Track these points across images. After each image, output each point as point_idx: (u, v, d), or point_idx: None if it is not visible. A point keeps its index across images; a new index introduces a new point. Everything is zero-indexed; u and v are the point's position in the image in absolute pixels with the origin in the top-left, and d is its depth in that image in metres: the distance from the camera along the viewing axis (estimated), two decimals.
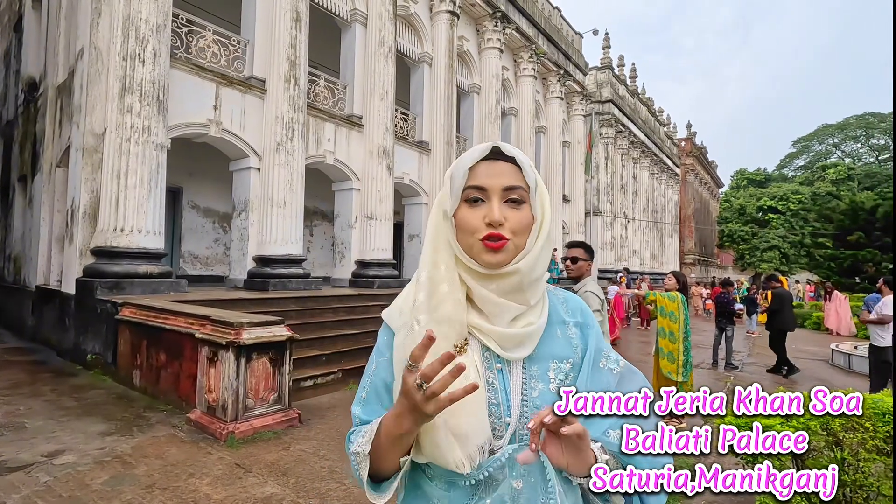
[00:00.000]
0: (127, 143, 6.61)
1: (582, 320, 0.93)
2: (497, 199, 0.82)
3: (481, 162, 0.85)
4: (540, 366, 0.86)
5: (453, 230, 0.85)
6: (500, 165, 0.84)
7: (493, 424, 0.82)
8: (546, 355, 0.86)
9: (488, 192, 0.83)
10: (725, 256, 49.67)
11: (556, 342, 0.89)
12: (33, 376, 6.10)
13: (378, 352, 0.92)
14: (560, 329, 0.90)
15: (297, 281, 8.61)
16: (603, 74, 24.06)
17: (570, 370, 0.87)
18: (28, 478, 3.38)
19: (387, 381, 0.88)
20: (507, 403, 0.83)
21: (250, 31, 8.78)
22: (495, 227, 0.81)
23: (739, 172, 54.37)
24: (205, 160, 10.18)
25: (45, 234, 8.73)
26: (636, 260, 25.95)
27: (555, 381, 0.85)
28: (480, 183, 0.83)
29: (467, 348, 0.82)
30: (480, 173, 0.84)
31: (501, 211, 0.82)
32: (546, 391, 0.84)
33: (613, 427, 0.84)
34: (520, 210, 0.83)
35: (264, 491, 3.28)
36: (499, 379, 0.84)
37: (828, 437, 2.53)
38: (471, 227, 0.82)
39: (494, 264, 0.81)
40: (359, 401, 0.91)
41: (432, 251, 0.86)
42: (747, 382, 3.38)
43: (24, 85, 10.43)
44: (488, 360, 0.84)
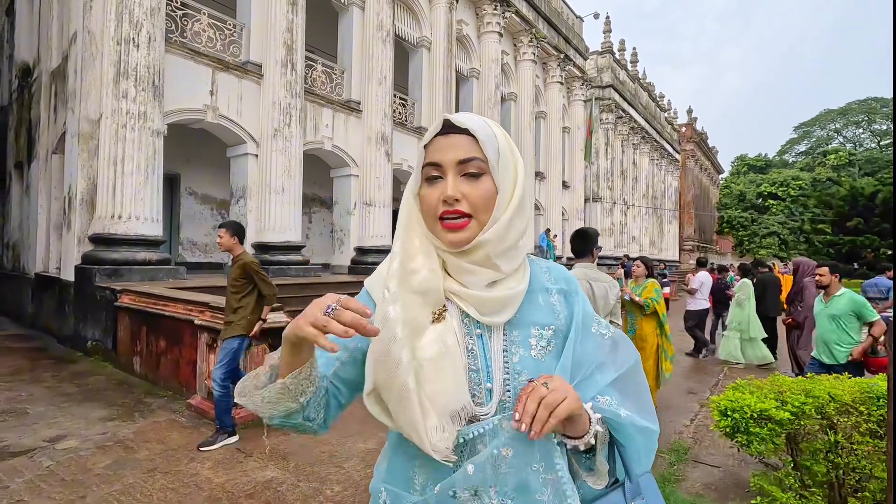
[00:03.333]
0: (123, 130, 6.56)
1: (567, 287, 0.92)
2: (452, 174, 0.79)
3: (437, 137, 0.82)
4: (521, 331, 0.84)
5: (419, 210, 0.84)
6: (453, 138, 0.80)
7: (472, 391, 0.80)
8: (527, 321, 0.85)
9: (443, 167, 0.80)
10: (724, 242, 49.69)
11: (537, 308, 0.87)
12: (34, 363, 6.13)
13: None
14: (542, 296, 0.89)
15: (297, 268, 8.62)
16: (603, 59, 23.78)
17: (553, 337, 0.86)
18: (31, 462, 3.42)
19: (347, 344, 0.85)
20: (488, 369, 0.82)
21: (246, 14, 8.65)
22: (450, 203, 0.78)
23: (740, 158, 54.19)
24: (202, 146, 10.12)
25: (42, 221, 8.70)
26: (635, 246, 25.94)
27: (536, 346, 0.84)
28: (434, 159, 0.81)
29: (446, 314, 0.81)
30: (434, 149, 0.81)
31: (457, 186, 0.79)
32: (527, 357, 0.83)
33: (604, 394, 0.85)
34: (479, 183, 0.80)
35: (265, 475, 3.31)
36: (478, 345, 0.82)
37: (822, 421, 2.56)
38: (429, 205, 0.81)
39: (457, 243, 0.80)
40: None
41: (406, 226, 0.85)
42: (742, 367, 3.45)
43: (18, 70, 10.31)
44: (468, 326, 0.83)
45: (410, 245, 0.84)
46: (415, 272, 0.81)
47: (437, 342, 0.78)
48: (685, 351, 8.10)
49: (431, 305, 0.81)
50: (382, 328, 0.77)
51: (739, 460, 3.77)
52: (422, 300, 0.80)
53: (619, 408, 0.84)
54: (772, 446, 2.62)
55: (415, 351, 0.78)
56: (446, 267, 0.84)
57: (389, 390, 0.78)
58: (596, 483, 0.84)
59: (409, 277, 0.81)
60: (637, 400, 0.88)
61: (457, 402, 0.77)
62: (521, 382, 0.82)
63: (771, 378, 3.01)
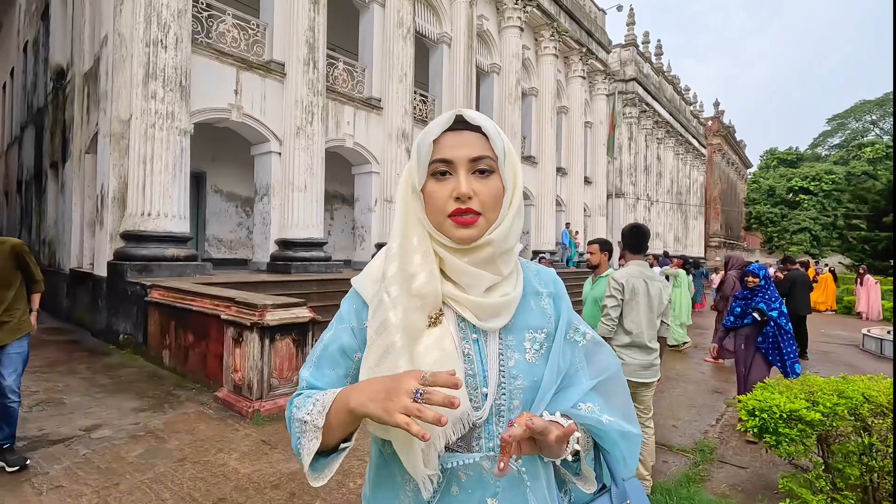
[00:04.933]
0: (152, 129, 6.74)
1: (554, 291, 0.93)
2: (464, 171, 0.79)
3: (446, 133, 0.81)
4: (516, 336, 0.85)
5: (422, 206, 0.83)
6: (465, 135, 0.80)
7: (470, 395, 0.80)
8: (521, 325, 0.86)
9: (454, 164, 0.79)
10: (753, 239, 48.37)
11: (530, 313, 0.88)
12: (69, 355, 6.37)
13: (340, 318, 0.90)
14: (534, 300, 0.90)
15: (319, 264, 8.74)
16: (627, 52, 23.35)
17: (545, 340, 0.87)
18: (68, 450, 3.56)
19: (345, 348, 0.86)
20: (484, 374, 0.81)
21: (269, 14, 8.78)
22: (464, 200, 0.78)
23: (769, 152, 52.62)
24: (227, 145, 10.32)
25: (76, 218, 9.02)
26: (659, 243, 25.48)
27: (530, 350, 0.85)
28: (446, 155, 0.80)
29: (442, 319, 0.81)
30: (445, 145, 0.80)
31: (469, 183, 0.79)
32: (522, 361, 0.83)
33: (584, 400, 0.85)
34: (489, 181, 0.80)
35: (289, 466, 3.38)
36: (475, 349, 0.82)
37: (856, 423, 2.48)
38: (439, 202, 0.80)
39: (466, 239, 0.79)
40: (309, 364, 0.89)
41: (403, 223, 0.83)
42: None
43: (53, 73, 10.67)
44: (464, 331, 0.83)
45: (409, 245, 0.82)
46: (414, 275, 0.80)
47: (436, 348, 0.78)
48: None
49: (428, 309, 0.80)
50: (380, 335, 0.78)
51: (767, 461, 3.68)
52: (420, 304, 0.79)
53: (601, 414, 0.84)
54: (802, 448, 2.55)
55: (413, 358, 0.77)
56: (444, 268, 0.83)
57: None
58: (585, 487, 0.85)
59: (409, 281, 0.80)
60: (620, 405, 0.89)
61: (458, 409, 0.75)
62: (516, 387, 0.82)
63: (801, 378, 2.93)
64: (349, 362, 0.86)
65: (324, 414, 0.75)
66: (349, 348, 0.86)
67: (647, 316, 3.07)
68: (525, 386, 0.83)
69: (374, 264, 0.90)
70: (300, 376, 0.89)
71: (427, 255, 0.81)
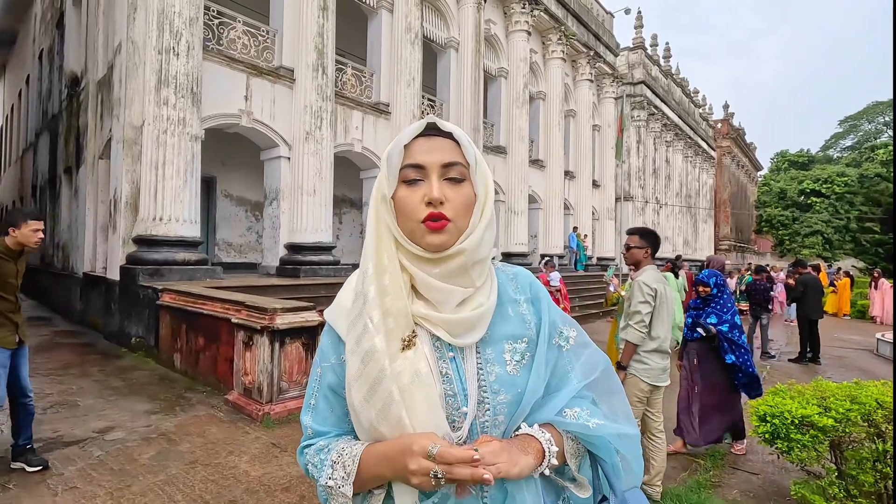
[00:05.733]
0: (164, 135, 6.84)
1: (532, 295, 0.88)
2: (436, 177, 0.77)
3: (418, 139, 0.80)
4: (495, 348, 0.81)
5: (393, 213, 0.80)
6: (437, 141, 0.79)
7: (450, 417, 0.77)
8: (499, 336, 0.82)
9: (426, 169, 0.78)
10: (764, 242, 47.90)
11: (508, 321, 0.84)
12: (82, 357, 6.46)
13: (322, 356, 0.86)
14: (511, 307, 0.86)
15: (327, 268, 8.79)
16: (635, 55, 23.29)
17: (527, 348, 0.83)
18: (82, 452, 3.61)
19: (333, 387, 0.83)
20: (464, 392, 0.78)
21: (279, 21, 8.88)
22: (435, 205, 0.76)
23: (780, 154, 52.07)
24: (237, 150, 10.43)
25: (90, 223, 9.15)
26: (668, 246, 25.31)
27: (511, 361, 0.81)
28: (417, 160, 0.78)
29: (416, 340, 0.77)
30: (417, 150, 0.79)
31: (441, 189, 0.77)
32: (503, 374, 0.80)
33: (572, 405, 0.82)
34: (460, 188, 0.78)
35: (299, 470, 3.40)
36: (452, 368, 0.79)
37: (869, 429, 2.45)
38: (410, 208, 0.77)
39: (438, 246, 0.77)
40: (308, 408, 0.86)
41: (375, 239, 0.80)
42: (783, 372, 3.36)
43: (67, 80, 10.86)
44: (440, 350, 0.79)
45: (380, 264, 0.79)
46: (384, 295, 0.77)
47: (409, 371, 0.75)
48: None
49: (402, 331, 0.77)
50: (367, 364, 0.75)
51: (779, 467, 3.64)
52: (392, 325, 0.76)
53: (588, 419, 0.80)
54: (814, 454, 2.53)
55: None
56: (414, 284, 0.80)
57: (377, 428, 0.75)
58: (581, 492, 0.81)
59: (384, 302, 0.77)
60: (610, 406, 0.85)
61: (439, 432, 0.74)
62: (499, 402, 0.79)
63: (813, 383, 2.90)
64: (342, 400, 0.82)
65: (350, 482, 0.75)
66: (337, 387, 0.83)
67: (668, 321, 3.10)
68: (509, 400, 0.79)
69: (345, 291, 0.86)
70: (302, 423, 0.87)
71: (395, 273, 0.79)
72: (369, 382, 0.75)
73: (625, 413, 0.86)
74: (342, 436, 0.84)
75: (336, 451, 0.78)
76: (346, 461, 0.76)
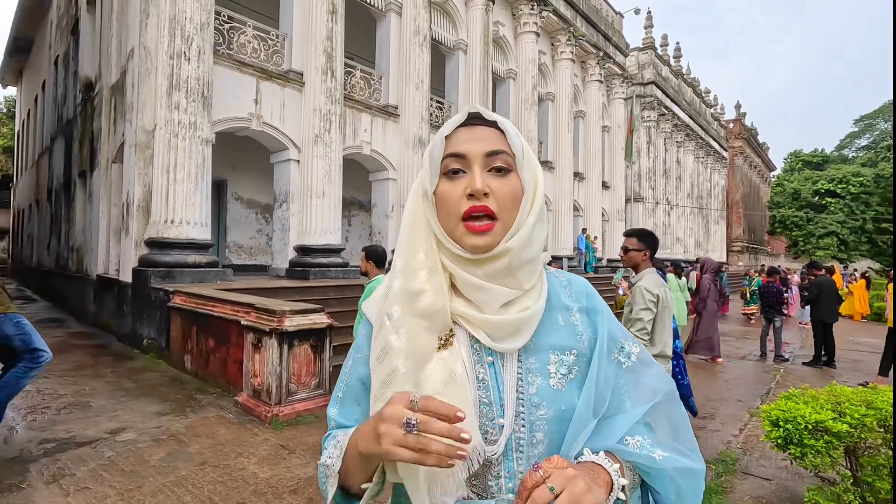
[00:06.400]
0: (175, 139, 6.92)
1: (588, 305, 0.81)
2: (479, 167, 0.72)
3: (460, 129, 0.75)
4: (538, 357, 0.74)
5: (434, 210, 0.75)
6: (480, 130, 0.74)
7: (484, 427, 0.71)
8: (545, 345, 0.75)
9: (468, 159, 0.72)
10: (777, 243, 47.27)
11: (557, 330, 0.77)
12: (96, 359, 6.54)
13: (357, 347, 0.83)
14: (562, 315, 0.79)
15: (336, 270, 8.82)
16: (645, 55, 23.14)
17: (575, 363, 0.75)
18: (94, 452, 3.65)
19: (364, 379, 0.79)
20: (501, 402, 0.72)
21: (288, 24, 8.95)
22: (478, 197, 0.70)
23: (794, 154, 51.41)
24: (247, 153, 10.52)
25: (103, 226, 9.28)
26: (679, 248, 25.08)
27: (556, 375, 0.74)
28: (458, 150, 0.73)
29: (453, 340, 0.72)
30: (458, 140, 0.74)
31: (484, 179, 0.71)
32: (545, 387, 0.73)
33: (633, 434, 0.74)
34: (506, 180, 0.72)
35: (307, 472, 3.41)
36: (490, 374, 0.73)
37: (886, 435, 2.40)
38: (451, 202, 0.72)
39: (481, 247, 0.71)
40: (335, 401, 0.83)
41: (410, 235, 0.76)
42: (796, 376, 3.30)
43: (82, 85, 11.04)
44: (478, 353, 0.74)
45: (413, 259, 0.74)
46: (420, 293, 0.72)
47: (443, 372, 0.69)
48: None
49: (437, 330, 0.72)
50: (382, 361, 0.72)
51: (793, 473, 3.58)
52: (427, 325, 0.72)
53: (653, 449, 0.72)
54: (829, 460, 2.48)
55: (419, 384, 0.70)
56: (454, 282, 0.75)
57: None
58: None
59: (414, 300, 0.72)
60: (675, 436, 0.77)
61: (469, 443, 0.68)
62: (538, 417, 0.72)
63: (828, 388, 2.85)
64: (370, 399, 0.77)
65: (340, 457, 0.71)
66: (367, 379, 0.77)
67: (669, 326, 3.07)
68: (549, 416, 0.72)
69: (382, 284, 0.83)
70: (328, 415, 0.83)
71: (435, 271, 0.73)
72: (381, 380, 0.72)
73: (690, 445, 0.77)
74: None
75: (341, 434, 0.76)
76: (341, 440, 0.73)
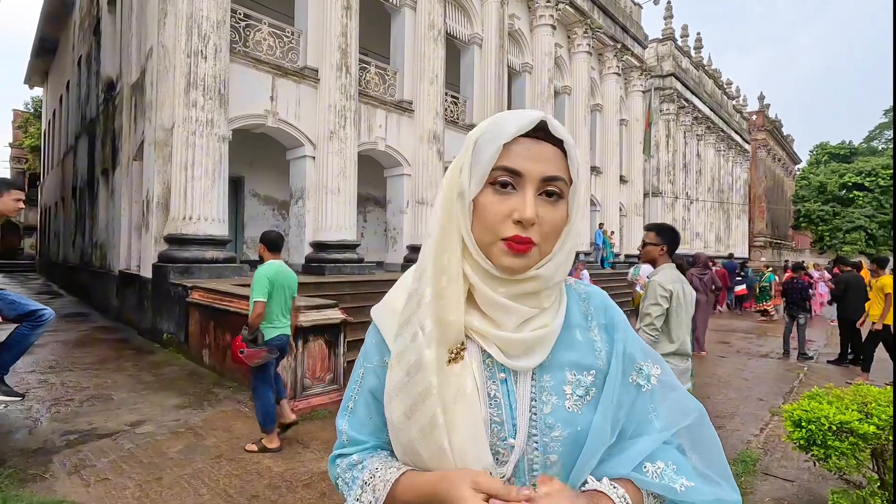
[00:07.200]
0: (192, 136, 7.01)
1: (606, 321, 0.76)
2: (532, 191, 0.65)
3: (521, 138, 0.66)
4: (554, 376, 0.70)
5: (468, 216, 0.68)
6: (545, 147, 0.67)
7: (496, 448, 0.68)
8: (562, 363, 0.71)
9: (524, 178, 0.65)
10: (802, 238, 46.05)
11: (574, 348, 0.73)
12: (118, 353, 6.70)
13: (365, 356, 0.79)
14: (580, 332, 0.74)
15: (352, 266, 8.87)
16: (664, 47, 22.67)
17: (593, 383, 0.71)
18: (115, 444, 3.74)
19: (374, 392, 0.75)
20: (513, 421, 0.68)
21: (303, 21, 8.99)
22: (525, 226, 0.65)
23: (820, 147, 49.97)
24: (264, 150, 10.62)
25: (125, 223, 9.48)
26: (699, 243, 24.61)
27: (572, 396, 0.70)
28: (517, 166, 0.65)
29: (464, 354, 0.68)
30: (518, 153, 0.66)
31: (535, 207, 0.65)
32: (560, 407, 0.69)
33: (654, 459, 0.69)
34: (556, 208, 0.67)
35: (320, 466, 3.43)
36: (502, 391, 0.69)
37: None
38: (493, 220, 0.66)
39: (516, 270, 0.67)
40: (345, 412, 0.79)
41: (440, 237, 0.69)
42: (820, 375, 3.20)
43: (103, 85, 11.27)
44: (490, 369, 0.70)
45: (439, 263, 0.69)
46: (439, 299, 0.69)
47: (453, 388, 0.66)
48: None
49: (449, 342, 0.68)
50: (413, 376, 0.67)
51: (816, 475, 3.48)
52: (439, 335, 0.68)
53: (676, 478, 0.68)
54: (854, 462, 2.40)
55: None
56: (473, 295, 0.70)
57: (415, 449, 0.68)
58: None
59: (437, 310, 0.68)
60: (704, 461, 0.72)
61: (476, 465, 0.65)
62: (552, 438, 0.68)
63: (854, 387, 2.75)
64: (383, 407, 0.74)
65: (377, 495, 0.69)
66: (378, 391, 0.74)
67: (686, 322, 2.99)
68: (565, 438, 0.68)
69: (397, 290, 0.77)
70: (338, 427, 0.79)
71: (454, 279, 0.69)
72: (412, 398, 0.66)
73: (722, 472, 0.72)
74: (379, 448, 0.76)
75: (369, 471, 0.71)
76: (378, 485, 0.69)
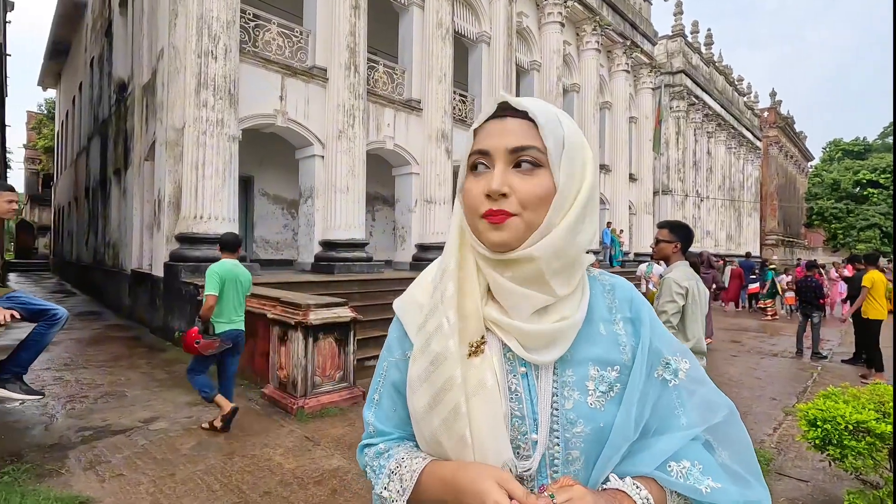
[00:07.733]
0: (203, 136, 7.06)
1: (632, 314, 0.74)
2: (501, 164, 0.66)
3: (490, 121, 0.69)
4: (576, 370, 0.69)
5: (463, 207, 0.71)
6: (507, 122, 0.67)
7: (516, 442, 0.67)
8: (584, 358, 0.69)
9: (491, 155, 0.67)
10: (814, 237, 45.48)
11: (598, 342, 0.71)
12: (131, 350, 6.78)
13: (389, 350, 0.79)
14: (605, 325, 0.72)
15: (360, 264, 8.90)
16: (674, 43, 22.49)
17: (617, 379, 0.69)
18: (129, 440, 3.78)
19: (397, 385, 0.76)
20: (534, 416, 0.67)
21: (312, 21, 9.02)
22: (494, 198, 0.65)
23: (833, 143, 49.25)
24: (273, 149, 10.68)
25: (137, 222, 9.59)
26: (710, 241, 24.39)
27: (595, 391, 0.68)
28: (483, 146, 0.67)
29: (484, 347, 0.67)
30: (484, 134, 0.68)
31: (505, 178, 0.65)
32: (582, 403, 0.68)
33: (680, 458, 0.68)
34: (532, 177, 0.65)
35: (331, 463, 3.45)
36: (523, 386, 0.68)
37: None
38: (472, 201, 0.67)
39: (498, 244, 0.65)
40: (371, 404, 0.80)
41: (457, 233, 0.71)
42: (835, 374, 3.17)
43: (115, 86, 11.40)
44: (510, 362, 0.69)
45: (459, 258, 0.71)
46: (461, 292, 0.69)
47: (473, 381, 0.66)
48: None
49: (469, 335, 0.68)
50: (437, 367, 0.67)
51: (831, 475, 3.44)
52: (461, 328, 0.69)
53: (702, 479, 0.66)
54: (871, 462, 2.37)
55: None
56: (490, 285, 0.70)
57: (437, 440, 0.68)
58: None
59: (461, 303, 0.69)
60: (733, 458, 0.70)
61: (496, 459, 0.65)
62: (574, 434, 0.67)
63: (870, 387, 2.71)
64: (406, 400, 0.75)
65: (404, 498, 0.68)
66: (401, 385, 0.75)
67: (701, 320, 2.97)
68: (587, 433, 0.67)
69: (419, 284, 0.78)
70: (364, 418, 0.80)
71: (472, 272, 0.70)
72: (435, 389, 0.67)
73: (752, 471, 0.70)
74: (405, 439, 0.77)
75: (395, 461, 0.72)
76: (405, 474, 0.69)
